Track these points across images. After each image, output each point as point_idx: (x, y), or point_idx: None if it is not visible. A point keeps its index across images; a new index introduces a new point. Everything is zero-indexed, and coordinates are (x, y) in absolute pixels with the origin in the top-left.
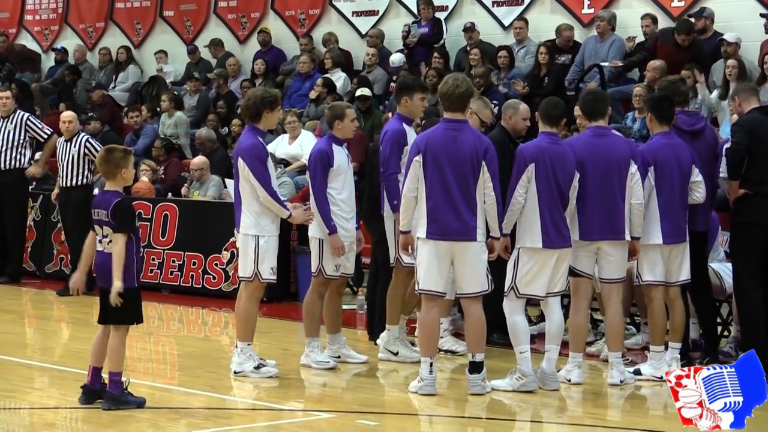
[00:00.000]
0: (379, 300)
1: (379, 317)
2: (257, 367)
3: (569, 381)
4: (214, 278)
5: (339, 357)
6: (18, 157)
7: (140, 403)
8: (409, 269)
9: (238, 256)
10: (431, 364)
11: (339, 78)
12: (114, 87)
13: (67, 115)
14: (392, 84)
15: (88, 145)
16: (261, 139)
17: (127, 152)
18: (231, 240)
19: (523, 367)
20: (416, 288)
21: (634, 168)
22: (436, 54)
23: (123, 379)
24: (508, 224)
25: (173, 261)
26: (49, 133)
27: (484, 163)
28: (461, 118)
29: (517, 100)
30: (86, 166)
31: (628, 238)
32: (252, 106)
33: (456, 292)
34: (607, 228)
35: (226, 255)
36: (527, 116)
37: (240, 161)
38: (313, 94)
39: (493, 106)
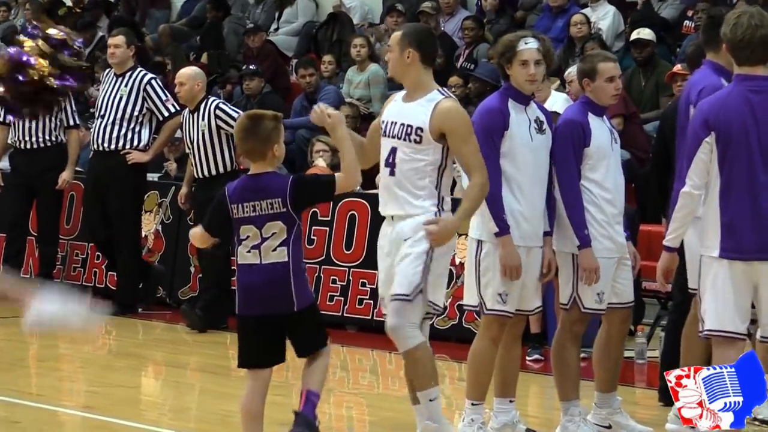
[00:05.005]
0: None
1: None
2: None
3: None
4: None
5: (610, 427)
6: (130, 135)
7: None
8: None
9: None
10: None
11: (606, 14)
12: (277, 29)
13: (183, 74)
14: (687, 22)
15: (219, 112)
16: None
17: (277, 119)
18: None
19: None
20: (702, 328)
21: None
22: None
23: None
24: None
25: (363, 284)
26: (172, 110)
27: None
28: (763, 74)
29: None
30: (226, 144)
31: None
32: None
33: (761, 336)
34: None
35: None
36: None
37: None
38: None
39: None
